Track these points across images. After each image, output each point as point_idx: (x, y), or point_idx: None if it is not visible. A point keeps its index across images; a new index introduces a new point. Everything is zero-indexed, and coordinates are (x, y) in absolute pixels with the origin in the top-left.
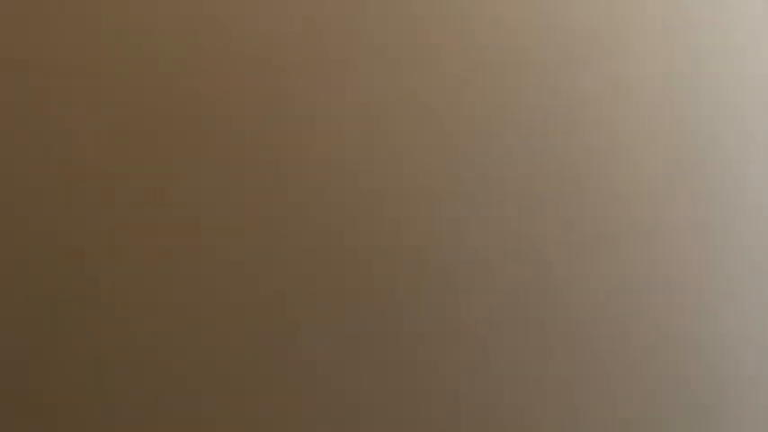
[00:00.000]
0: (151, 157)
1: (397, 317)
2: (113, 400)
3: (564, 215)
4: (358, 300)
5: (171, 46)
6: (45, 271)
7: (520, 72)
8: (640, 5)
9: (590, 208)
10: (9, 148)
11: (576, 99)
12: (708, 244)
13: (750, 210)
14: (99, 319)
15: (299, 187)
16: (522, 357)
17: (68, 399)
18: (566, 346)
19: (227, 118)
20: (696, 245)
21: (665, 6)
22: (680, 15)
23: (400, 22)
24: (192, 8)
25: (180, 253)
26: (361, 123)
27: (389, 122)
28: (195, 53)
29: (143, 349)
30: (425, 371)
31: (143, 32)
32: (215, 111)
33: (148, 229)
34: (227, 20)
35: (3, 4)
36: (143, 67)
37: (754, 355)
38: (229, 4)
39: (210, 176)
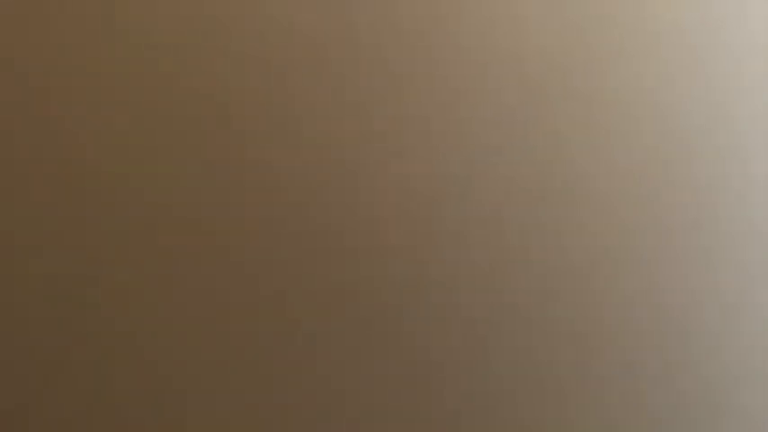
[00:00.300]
0: (151, 158)
1: (397, 317)
2: (114, 401)
3: (553, 215)
4: (357, 300)
5: (171, 46)
6: (46, 271)
7: (509, 73)
8: (631, 5)
9: (578, 208)
10: (9, 149)
11: (567, 100)
12: (699, 245)
13: (743, 210)
14: (100, 319)
15: (299, 187)
16: (516, 358)
17: (70, 398)
18: (558, 346)
19: (227, 118)
20: (687, 245)
21: (656, 6)
22: (671, 15)
23: (398, 23)
24: (191, 8)
25: (180, 253)
26: (362, 124)
27: (389, 123)
28: (196, 53)
29: (142, 350)
30: (425, 371)
31: (143, 32)
32: (215, 111)
33: (149, 229)
34: (227, 20)
35: (3, 4)
36: (143, 67)
37: (745, 355)
38: (229, 4)
39: (210, 177)
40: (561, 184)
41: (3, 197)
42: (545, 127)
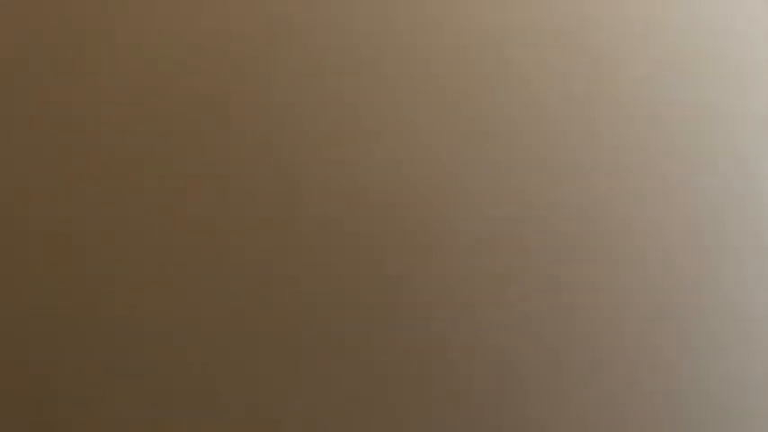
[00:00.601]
0: (151, 158)
1: (401, 316)
2: (119, 402)
3: (550, 218)
4: (357, 300)
5: (174, 48)
6: (53, 272)
7: (504, 75)
8: (622, 6)
9: (575, 209)
10: (10, 149)
11: (561, 102)
12: (698, 244)
13: (743, 211)
14: (111, 319)
15: (300, 187)
16: (517, 359)
17: (72, 400)
18: (561, 348)
19: (231, 118)
20: (686, 245)
21: (646, 7)
22: (663, 16)
23: (396, 27)
24: (194, 9)
25: (187, 253)
26: (362, 124)
27: (392, 123)
28: (202, 54)
29: (148, 351)
30: (427, 370)
31: (146, 33)
32: (221, 111)
33: (156, 229)
34: (227, 20)
35: (3, 4)
36: (147, 67)
37: (747, 357)
38: (230, 4)
39: (210, 177)
40: (557, 186)
41: (3, 197)
42: (540, 129)
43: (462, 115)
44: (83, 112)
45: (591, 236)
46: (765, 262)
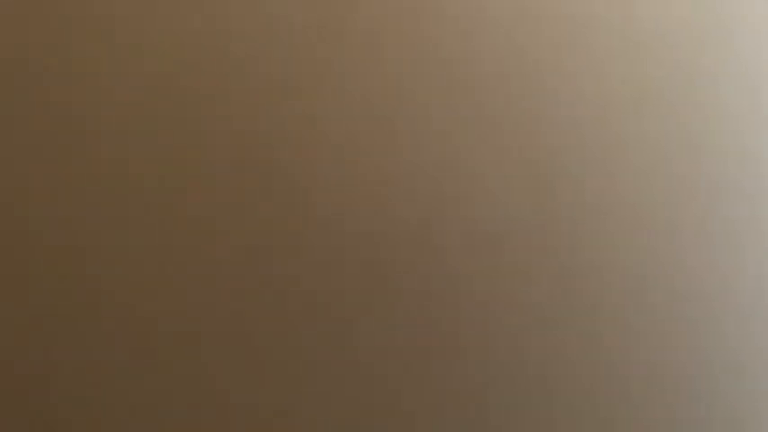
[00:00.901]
0: (159, 158)
1: (402, 316)
2: (119, 402)
3: (557, 215)
4: (359, 301)
5: (174, 47)
6: (53, 272)
7: (514, 70)
8: (632, 6)
9: (582, 208)
10: (11, 149)
11: (569, 101)
12: (708, 244)
13: (751, 210)
14: (111, 319)
15: (303, 187)
16: (525, 358)
17: (72, 400)
18: (569, 347)
19: (231, 118)
20: (696, 244)
21: (657, 6)
22: (673, 14)
23: (395, 25)
24: (194, 9)
25: (187, 253)
26: (368, 124)
27: (392, 122)
28: (202, 54)
29: (148, 351)
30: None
31: (146, 33)
32: (221, 111)
33: (156, 229)
34: (233, 21)
35: (3, 4)
36: (147, 67)
37: (757, 359)
38: (230, 4)
39: (211, 177)
40: (563, 184)
41: (5, 198)
42: (546, 128)
43: (463, 115)
44: (83, 112)
45: (599, 234)
46: None
